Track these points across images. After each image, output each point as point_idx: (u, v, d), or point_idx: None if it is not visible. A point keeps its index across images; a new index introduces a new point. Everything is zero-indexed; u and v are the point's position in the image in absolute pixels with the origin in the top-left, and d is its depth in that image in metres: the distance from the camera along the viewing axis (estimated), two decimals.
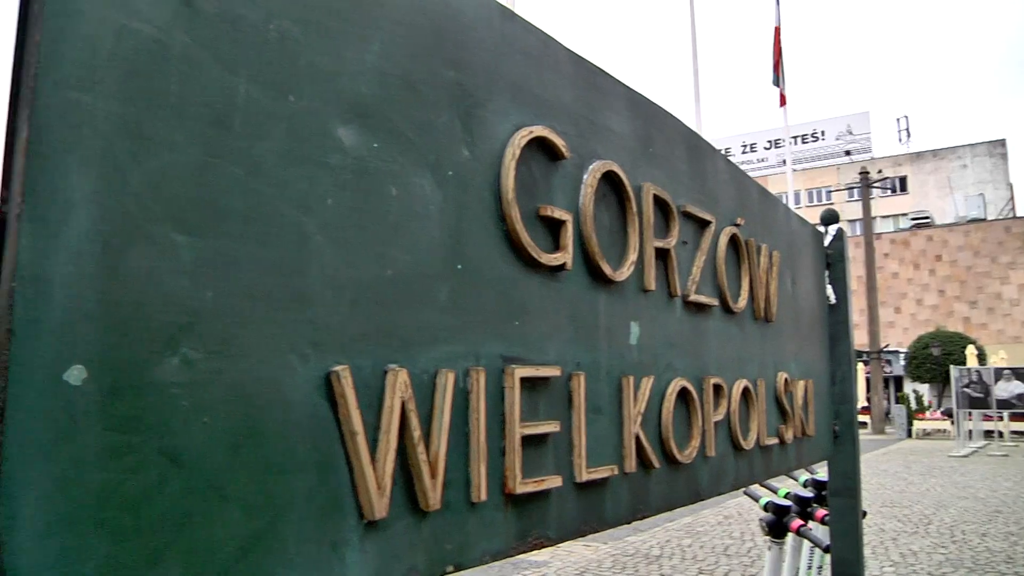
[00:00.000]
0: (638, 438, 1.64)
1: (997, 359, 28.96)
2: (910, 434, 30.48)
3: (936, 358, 37.33)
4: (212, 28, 0.92)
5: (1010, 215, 50.04)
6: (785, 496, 4.40)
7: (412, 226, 1.14)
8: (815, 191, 57.10)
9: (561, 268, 1.42)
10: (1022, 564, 8.32)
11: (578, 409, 1.45)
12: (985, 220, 45.74)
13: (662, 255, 1.80)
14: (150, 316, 0.84)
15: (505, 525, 1.27)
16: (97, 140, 0.81)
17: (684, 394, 1.85)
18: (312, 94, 1.02)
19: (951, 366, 27.44)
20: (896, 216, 54.65)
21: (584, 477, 1.45)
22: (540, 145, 1.41)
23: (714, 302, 2.05)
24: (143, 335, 0.83)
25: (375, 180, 1.09)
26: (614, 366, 1.59)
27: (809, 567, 4.49)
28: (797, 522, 4.01)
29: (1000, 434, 26.81)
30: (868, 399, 33.42)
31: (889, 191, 52.02)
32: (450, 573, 1.16)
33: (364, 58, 1.09)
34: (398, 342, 1.10)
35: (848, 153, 61.08)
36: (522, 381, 1.31)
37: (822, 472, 4.51)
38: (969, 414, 25.38)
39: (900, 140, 60.73)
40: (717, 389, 2.04)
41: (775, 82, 24.85)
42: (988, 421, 26.95)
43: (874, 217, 38.86)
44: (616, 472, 1.56)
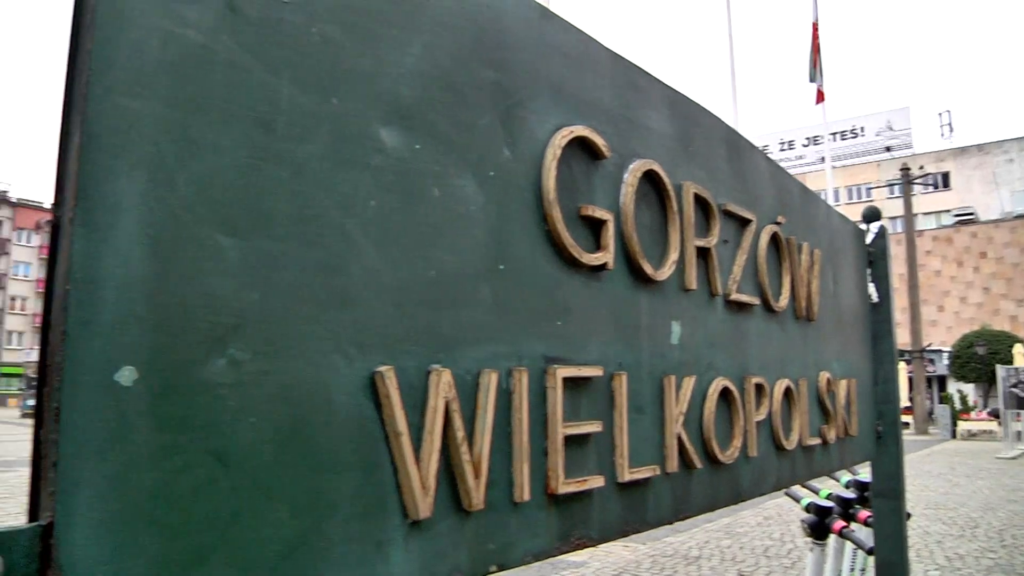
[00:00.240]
0: (680, 438, 1.63)
1: None
2: (954, 435, 29.93)
3: (981, 357, 36.63)
4: (256, 32, 0.93)
5: None
6: (827, 497, 4.34)
7: (455, 227, 1.14)
8: (854, 188, 56.31)
9: (602, 268, 1.42)
10: None
11: (620, 409, 1.45)
12: None
13: (703, 254, 1.79)
14: (198, 317, 0.85)
15: (547, 525, 1.27)
16: (145, 144, 0.83)
17: (726, 394, 1.84)
18: (354, 96, 1.03)
19: (997, 365, 26.87)
20: (939, 213, 53.68)
21: (626, 477, 1.45)
22: (581, 145, 1.41)
23: (755, 301, 2.03)
24: (191, 336, 0.84)
25: (417, 181, 1.09)
26: (656, 366, 1.58)
27: (852, 569, 4.43)
28: (839, 523, 3.95)
29: None
30: (911, 399, 32.91)
31: (931, 187, 51.11)
32: (493, 573, 1.17)
33: (405, 60, 1.10)
34: (441, 342, 1.10)
35: (888, 149, 60.15)
36: (564, 381, 1.30)
37: (864, 473, 4.44)
38: (1017, 415, 24.81)
39: (943, 135, 59.67)
40: (759, 389, 2.02)
41: (812, 78, 24.55)
42: None
43: (915, 214, 38.20)
44: (658, 472, 1.55)
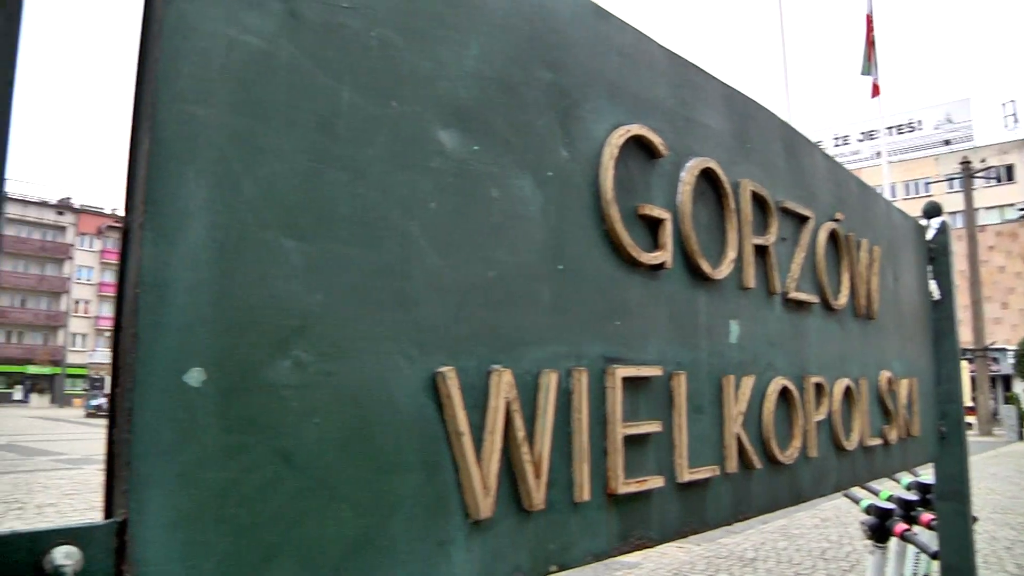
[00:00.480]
0: (739, 438, 1.61)
1: None
2: (1021, 436, 29.08)
3: None
4: (316, 37, 0.95)
5: None
6: (887, 499, 4.24)
7: (514, 227, 1.14)
8: (912, 183, 55.02)
9: (660, 267, 1.41)
10: None
11: (679, 409, 1.44)
12: None
13: (761, 252, 1.77)
14: (263, 319, 0.86)
15: (607, 525, 1.26)
16: (211, 150, 0.84)
17: (785, 393, 1.81)
18: (413, 99, 1.03)
19: None
20: (1002, 207, 52.15)
21: (686, 477, 1.44)
22: (637, 144, 1.40)
23: (814, 299, 1.99)
24: (257, 338, 0.86)
25: (476, 182, 1.10)
26: (714, 365, 1.57)
27: (915, 574, 4.33)
28: (901, 526, 3.86)
29: None
30: (973, 399, 32.08)
31: (994, 180, 49.69)
32: (553, 573, 1.17)
33: (463, 62, 1.11)
34: (502, 343, 1.11)
35: (947, 143, 58.67)
36: (624, 381, 1.30)
37: (926, 474, 4.34)
38: None
39: (1006, 126, 57.88)
40: (818, 388, 1.99)
41: (866, 72, 24.04)
42: None
43: (977, 208, 37.22)
44: (717, 472, 1.54)
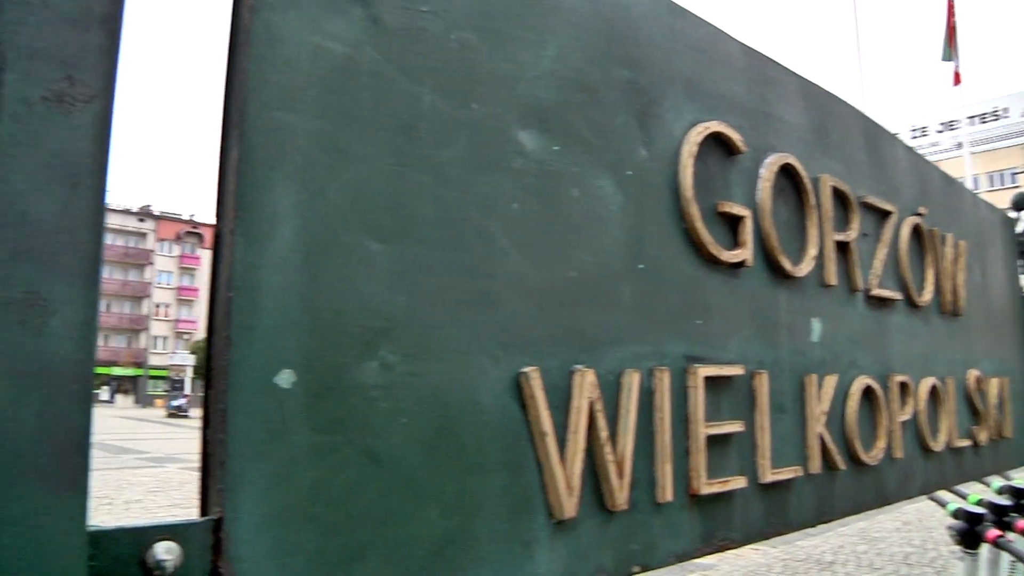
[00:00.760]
0: (822, 438, 1.57)
1: None
2: None
3: None
4: (398, 42, 0.96)
5: None
6: (977, 503, 4.09)
7: (594, 227, 1.14)
8: (997, 174, 52.96)
9: (741, 265, 1.39)
10: None
11: (761, 408, 1.41)
12: None
13: (842, 248, 1.72)
14: (350, 322, 0.88)
15: (690, 526, 1.25)
16: (298, 156, 0.86)
17: (868, 392, 1.77)
18: (493, 100, 1.04)
19: None
20: None
21: (768, 478, 1.41)
22: (716, 140, 1.38)
23: (897, 296, 1.94)
24: (344, 340, 0.87)
25: (557, 182, 1.10)
26: (796, 364, 1.54)
27: None
28: (994, 532, 3.71)
29: None
30: None
31: None
32: (636, 574, 1.16)
33: (541, 63, 1.11)
34: (584, 343, 1.11)
35: None
36: (705, 380, 1.28)
37: (1020, 479, 4.17)
38: None
39: None
40: (903, 387, 1.93)
41: (947, 58, 23.23)
42: None
43: None
44: (800, 473, 1.51)
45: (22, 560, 0.65)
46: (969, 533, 3.85)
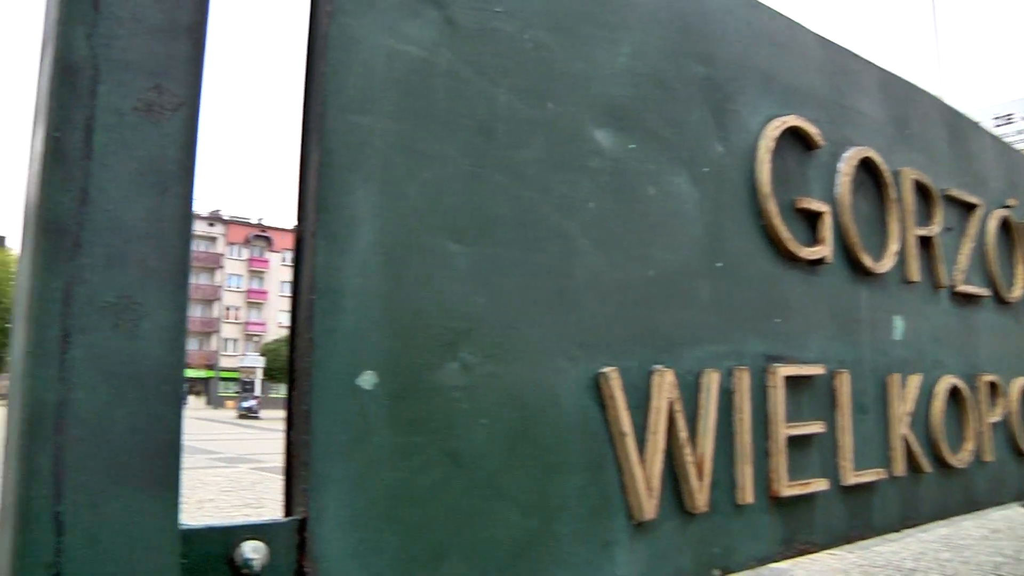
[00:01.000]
0: (906, 440, 1.53)
1: None
2: None
3: None
4: (473, 43, 0.96)
5: None
6: None
7: (671, 225, 1.13)
8: None
9: (820, 262, 1.35)
10: None
11: (842, 409, 1.38)
12: None
13: (925, 244, 1.67)
14: (431, 323, 0.88)
15: (771, 529, 1.22)
16: (376, 158, 0.87)
17: (955, 393, 1.71)
18: (568, 99, 1.03)
19: None
20: None
21: (850, 480, 1.37)
22: (793, 135, 1.35)
23: (985, 292, 1.87)
24: (425, 341, 0.88)
25: (633, 181, 1.09)
26: (878, 363, 1.49)
27: None
28: None
29: None
30: None
31: None
32: None
33: (616, 60, 1.10)
34: (663, 342, 1.09)
35: None
36: (785, 380, 1.26)
37: None
38: None
39: None
40: (992, 387, 1.86)
41: None
42: None
43: None
44: (884, 476, 1.46)
45: (119, 556, 0.67)
46: None
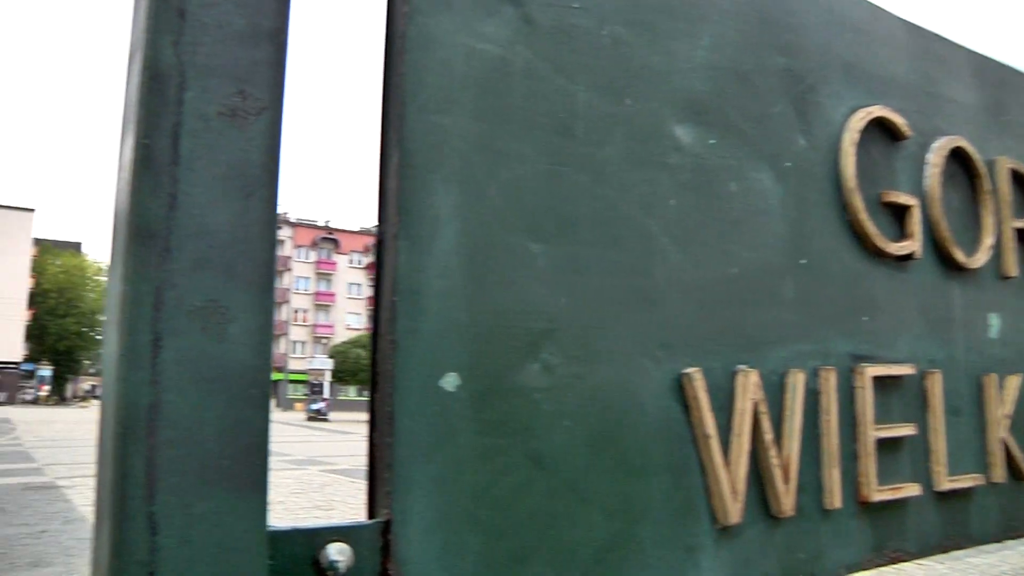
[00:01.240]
0: (1006, 444, 1.46)
1: None
2: None
3: None
4: (550, 40, 0.95)
5: None
6: None
7: (754, 222, 1.10)
8: None
9: (909, 257, 1.30)
10: None
11: (934, 411, 1.32)
12: None
13: (1023, 237, 1.59)
14: (513, 324, 0.87)
15: (860, 535, 1.18)
16: (456, 158, 0.87)
17: None
18: (647, 95, 1.02)
19: None
20: None
21: (944, 486, 1.32)
22: (879, 126, 1.30)
23: None
24: (507, 342, 0.87)
25: (714, 177, 1.06)
26: (973, 363, 1.43)
27: None
28: None
29: None
30: None
31: None
32: None
33: (695, 54, 1.07)
34: (746, 342, 1.06)
35: None
36: (873, 380, 1.21)
37: None
38: None
39: None
40: None
41: None
42: None
43: None
44: (982, 482, 1.40)
45: (209, 556, 0.68)
46: None
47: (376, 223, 0.87)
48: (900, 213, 1.32)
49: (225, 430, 0.70)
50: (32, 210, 71.47)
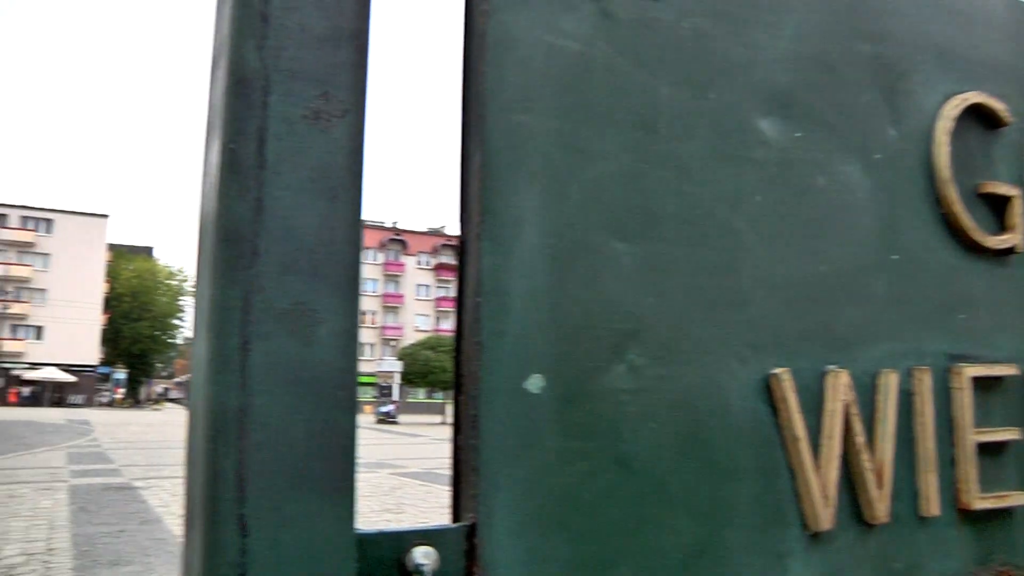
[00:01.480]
0: None
1: None
2: None
3: None
4: (630, 35, 0.93)
5: None
6: None
7: (842, 216, 1.06)
8: None
9: (1010, 251, 1.24)
10: None
11: None
12: None
13: None
14: (598, 324, 0.86)
15: (961, 545, 1.13)
16: (538, 157, 0.85)
17: None
18: (730, 88, 0.99)
19: None
20: None
21: None
22: (976, 113, 1.24)
23: None
24: (592, 343, 0.85)
25: (801, 171, 1.03)
26: None
27: None
28: None
29: None
30: None
31: None
32: None
33: (778, 44, 1.04)
34: (836, 341, 1.03)
35: None
36: (972, 381, 1.16)
37: None
38: None
39: None
40: None
41: None
42: None
43: None
44: None
45: (299, 559, 0.68)
46: None
47: (458, 224, 0.86)
48: (1000, 205, 1.25)
49: (314, 433, 0.70)
50: (106, 216, 73.96)
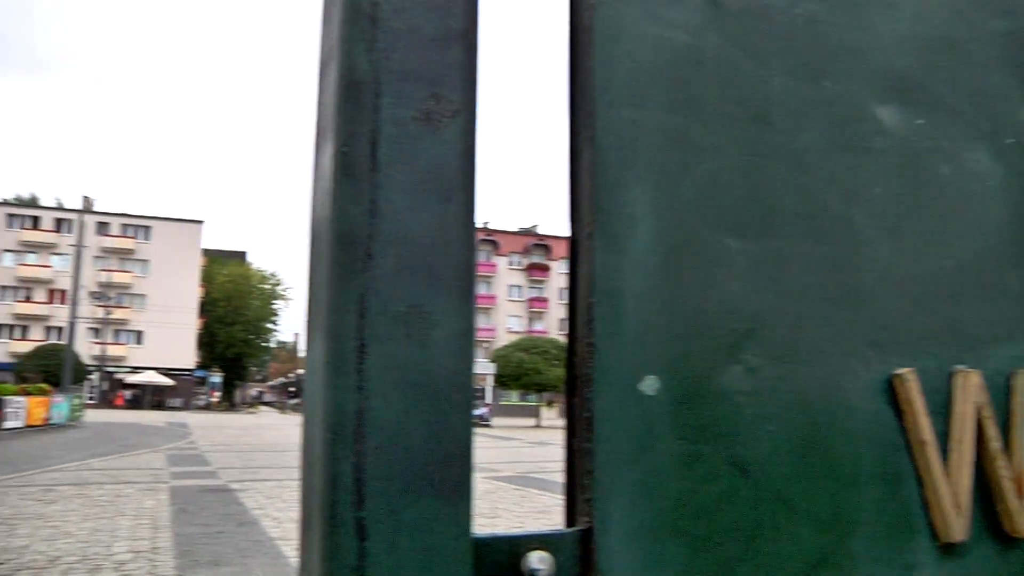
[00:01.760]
0: None
1: None
2: None
3: None
4: (740, 24, 0.90)
5: None
6: None
7: (971, 207, 1.00)
8: None
9: None
10: None
11: None
12: None
13: None
14: (712, 324, 0.83)
15: None
16: (650, 153, 0.83)
17: None
18: (847, 76, 0.95)
19: None
20: None
21: None
22: None
23: None
24: (708, 344, 0.83)
25: (924, 160, 0.98)
26: None
27: None
28: None
29: None
30: None
31: None
32: None
33: (896, 26, 0.99)
34: (965, 340, 0.97)
35: None
36: None
37: None
38: None
39: None
40: None
41: None
42: None
43: None
44: None
45: (416, 563, 0.67)
46: None
47: (569, 223, 0.85)
48: None
49: (431, 436, 0.69)
50: (201, 221, 76.63)
